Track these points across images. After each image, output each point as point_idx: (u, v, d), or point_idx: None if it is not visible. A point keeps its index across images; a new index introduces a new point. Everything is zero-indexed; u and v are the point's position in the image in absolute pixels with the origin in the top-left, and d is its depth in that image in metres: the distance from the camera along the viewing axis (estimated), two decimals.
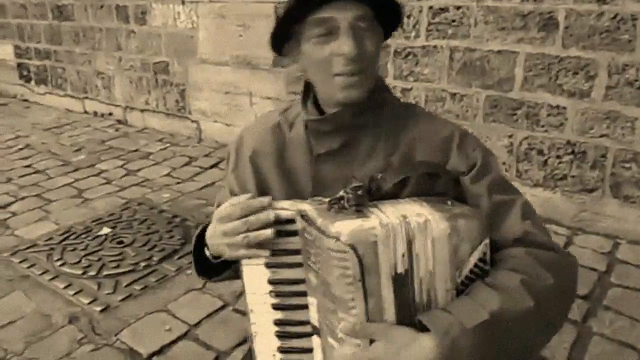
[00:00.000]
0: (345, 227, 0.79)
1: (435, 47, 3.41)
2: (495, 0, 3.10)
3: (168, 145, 4.87)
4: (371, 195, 0.91)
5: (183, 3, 4.71)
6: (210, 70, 4.69)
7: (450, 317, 0.79)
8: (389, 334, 0.81)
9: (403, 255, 0.80)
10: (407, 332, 0.81)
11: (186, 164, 4.36)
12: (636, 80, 2.81)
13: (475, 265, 0.86)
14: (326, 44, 0.98)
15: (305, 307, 0.91)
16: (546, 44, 3.00)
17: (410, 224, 0.80)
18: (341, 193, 0.88)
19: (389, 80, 3.66)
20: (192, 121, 5.02)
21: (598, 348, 2.15)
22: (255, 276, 0.93)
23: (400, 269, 0.80)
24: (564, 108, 3.04)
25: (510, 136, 3.23)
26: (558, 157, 3.10)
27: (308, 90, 1.12)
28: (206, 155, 4.54)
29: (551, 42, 2.98)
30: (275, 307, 0.92)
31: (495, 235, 0.93)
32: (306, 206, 0.90)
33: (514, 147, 3.23)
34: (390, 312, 0.81)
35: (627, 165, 2.91)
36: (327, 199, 0.90)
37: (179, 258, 2.86)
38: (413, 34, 3.48)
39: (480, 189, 1.00)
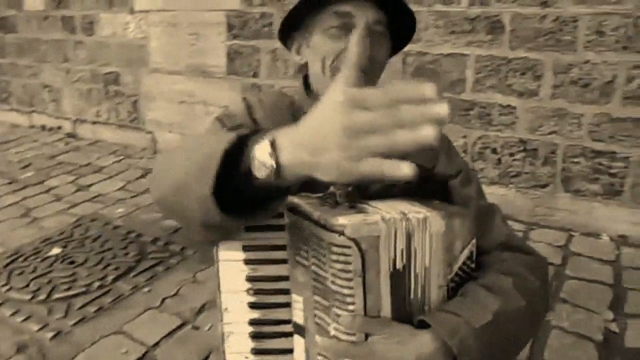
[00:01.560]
0: (349, 221, 0.77)
1: None
2: (445, 5, 3.21)
3: (122, 157, 4.77)
4: (360, 194, 0.90)
5: (132, 13, 4.67)
6: (164, 80, 4.66)
7: (457, 317, 0.81)
8: (387, 329, 0.81)
9: (402, 251, 0.81)
10: (405, 329, 0.82)
11: (141, 177, 4.27)
12: (580, 79, 2.96)
13: (464, 263, 0.89)
14: (339, 39, 0.99)
15: (285, 305, 0.89)
16: (494, 46, 3.12)
17: (411, 220, 0.81)
18: (332, 189, 0.87)
19: None
20: (147, 132, 4.96)
21: (557, 341, 2.23)
22: (232, 273, 0.89)
23: (398, 265, 0.81)
24: (514, 107, 3.17)
25: (464, 136, 3.34)
26: (511, 155, 3.22)
27: (308, 83, 1.11)
28: None
29: (499, 44, 3.11)
30: (252, 305, 0.89)
31: (481, 238, 0.96)
32: (296, 200, 0.86)
33: (468, 147, 3.34)
34: (386, 308, 0.82)
35: (576, 160, 3.06)
36: (314, 195, 0.88)
37: (135, 276, 2.76)
38: None
39: (470, 192, 1.06)
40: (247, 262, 0.88)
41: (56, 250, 3.07)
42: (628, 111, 2.88)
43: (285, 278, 0.88)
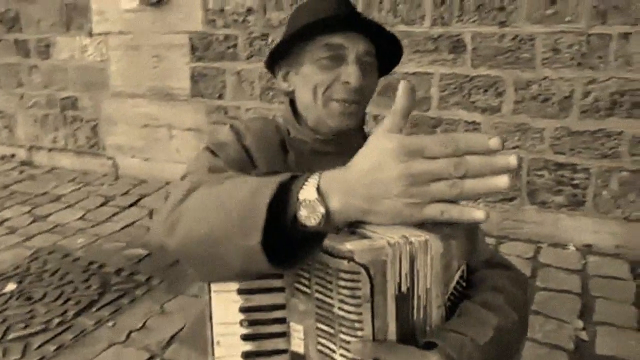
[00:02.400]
0: (357, 247, 0.77)
1: None
2: (408, 25, 3.33)
3: (81, 185, 4.67)
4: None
5: (91, 35, 4.63)
6: (125, 104, 4.63)
7: (462, 336, 0.85)
8: (396, 353, 0.83)
9: (406, 275, 0.82)
10: (413, 351, 0.83)
11: (102, 205, 4.18)
12: (540, 95, 3.11)
13: (457, 282, 0.91)
14: (331, 70, 1.03)
15: (281, 335, 0.89)
16: (457, 65, 3.25)
17: (414, 243, 0.81)
18: None
19: None
20: (107, 158, 4.89)
21: (531, 352, 2.29)
22: (225, 304, 0.87)
23: (403, 288, 0.82)
24: (479, 123, 3.30)
25: None
26: None
27: (295, 110, 1.14)
28: (124, 194, 4.40)
29: (461, 62, 3.25)
30: (246, 337, 0.89)
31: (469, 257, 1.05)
32: None
33: None
34: (392, 331, 0.83)
35: (540, 173, 3.20)
36: None
37: (98, 309, 2.66)
38: None
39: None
40: (241, 292, 0.87)
41: (11, 286, 2.94)
42: (586, 124, 3.04)
43: (281, 307, 0.88)
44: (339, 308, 0.80)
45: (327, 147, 1.10)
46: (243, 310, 0.88)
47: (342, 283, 0.79)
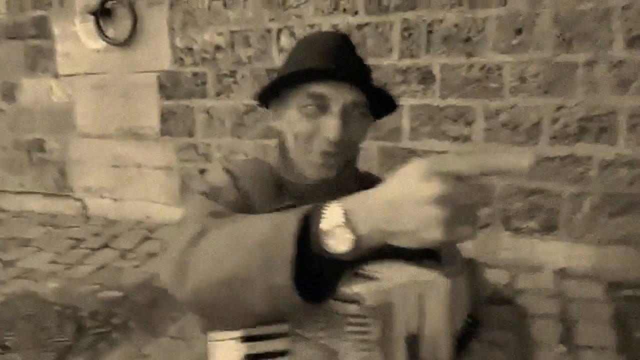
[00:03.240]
0: (365, 290, 0.73)
1: None
2: (376, 57, 3.20)
3: (50, 228, 4.35)
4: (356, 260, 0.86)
5: (57, 77, 4.38)
6: (93, 144, 4.34)
7: None
8: None
9: (415, 315, 0.77)
10: None
11: (73, 247, 3.88)
12: (509, 123, 3.01)
13: (464, 320, 0.87)
14: (313, 119, 0.94)
15: None
16: (427, 96, 3.13)
17: (421, 283, 0.78)
18: None
19: None
20: (76, 199, 4.57)
21: None
22: (227, 353, 0.79)
23: (412, 329, 0.77)
24: (450, 153, 3.17)
25: None
26: None
27: (285, 151, 1.03)
28: (95, 235, 4.08)
29: (431, 93, 3.13)
30: None
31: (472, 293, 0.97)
32: None
33: None
34: None
35: (513, 199, 3.07)
36: None
37: (75, 355, 2.46)
38: None
39: (454, 249, 1.03)
40: (244, 339, 0.78)
41: None
42: (555, 150, 2.94)
43: (285, 353, 0.80)
44: (348, 354, 0.75)
45: (321, 191, 0.98)
46: (247, 357, 0.79)
47: (351, 328, 0.74)
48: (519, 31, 2.91)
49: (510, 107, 2.99)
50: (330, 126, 0.93)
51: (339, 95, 0.93)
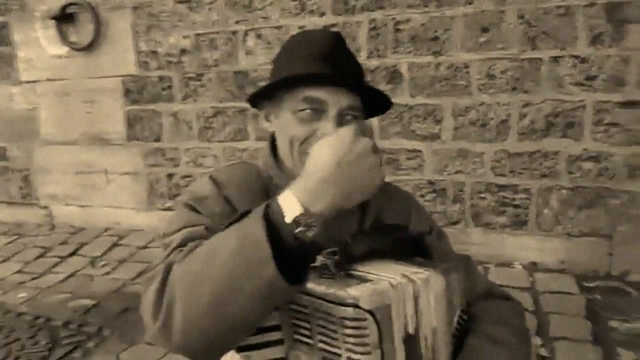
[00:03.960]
0: (360, 292, 0.70)
1: None
2: None
3: (15, 237, 4.04)
4: (346, 259, 0.84)
5: (19, 84, 4.09)
6: (58, 151, 4.04)
7: None
8: None
9: (412, 315, 0.75)
10: None
11: (40, 256, 3.61)
12: (478, 120, 2.91)
13: (460, 316, 0.85)
14: (308, 123, 0.90)
15: None
16: (396, 95, 3.00)
17: (416, 282, 0.76)
18: (321, 259, 0.80)
19: (252, 143, 3.46)
20: (41, 207, 4.27)
21: None
22: None
23: (410, 329, 0.75)
24: (420, 151, 3.04)
25: None
26: (422, 196, 3.08)
27: (276, 151, 1.00)
28: (62, 243, 3.80)
29: (400, 92, 3.00)
30: None
31: (467, 290, 0.91)
32: None
33: None
34: None
35: (483, 195, 2.97)
36: None
37: None
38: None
39: (446, 246, 1.05)
40: (240, 349, 0.77)
41: None
42: (523, 146, 2.85)
43: None
44: (347, 357, 0.72)
45: None
46: None
47: (349, 331, 0.71)
48: (485, 29, 2.80)
49: (478, 104, 2.88)
50: (327, 131, 0.87)
51: (335, 100, 0.88)
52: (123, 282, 3.13)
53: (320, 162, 0.70)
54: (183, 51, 3.49)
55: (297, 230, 0.68)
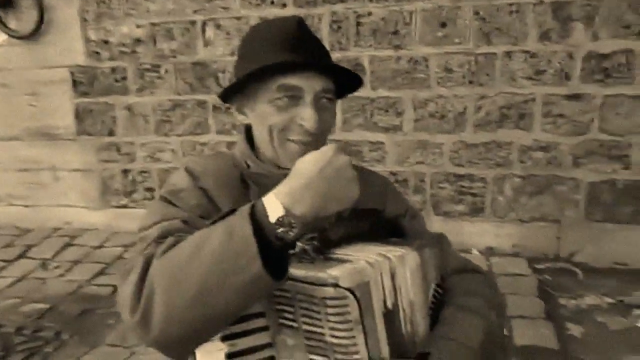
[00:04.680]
0: (339, 272, 0.74)
1: None
2: None
3: None
4: (324, 245, 0.89)
5: None
6: None
7: (453, 342, 0.85)
8: None
9: (390, 291, 0.79)
10: None
11: None
12: (437, 112, 3.06)
13: (435, 290, 0.90)
14: (287, 110, 0.93)
15: None
16: None
17: (391, 259, 0.80)
18: (299, 245, 0.84)
19: (212, 136, 3.44)
20: None
21: None
22: (210, 354, 0.80)
23: (389, 304, 0.79)
24: (382, 143, 3.16)
25: None
26: None
27: (252, 142, 1.03)
28: (7, 246, 3.62)
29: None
30: None
31: (442, 265, 0.97)
32: None
33: None
34: (385, 348, 0.80)
35: (443, 185, 3.14)
36: None
37: None
38: None
39: (420, 227, 1.10)
40: (225, 338, 0.80)
41: None
42: (479, 137, 3.03)
43: (268, 345, 0.83)
44: (331, 335, 0.76)
45: None
46: (230, 356, 0.81)
47: (331, 310, 0.75)
48: (443, 24, 2.95)
49: (437, 97, 3.03)
50: (307, 116, 0.92)
51: (310, 85, 0.91)
52: (79, 283, 3.06)
53: (303, 171, 0.76)
54: (137, 41, 3.41)
55: (279, 230, 0.73)
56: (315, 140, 0.95)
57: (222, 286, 0.71)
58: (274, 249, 0.73)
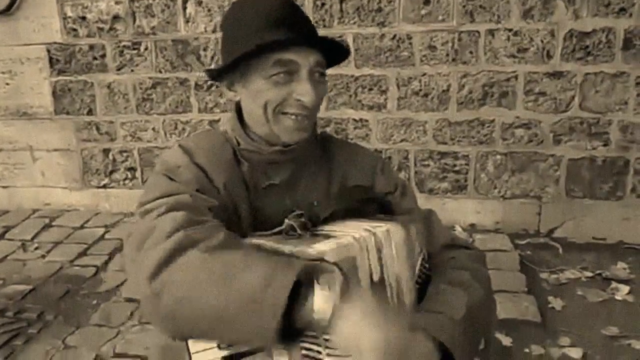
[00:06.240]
0: (326, 248, 0.78)
1: None
2: None
3: None
4: (312, 222, 0.94)
5: None
6: None
7: (440, 315, 0.88)
8: None
9: (376, 265, 0.83)
10: None
11: None
12: (420, 90, 3.16)
13: (421, 264, 0.94)
14: (283, 85, 0.95)
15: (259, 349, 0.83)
16: (342, 65, 3.15)
17: (377, 234, 0.83)
18: (287, 222, 0.89)
19: (194, 115, 3.49)
20: None
21: None
22: (208, 356, 0.82)
23: (375, 278, 0.83)
24: (367, 121, 3.26)
25: None
26: None
27: (242, 120, 1.06)
28: None
29: (346, 63, 3.18)
30: None
31: (428, 241, 1.04)
32: (256, 241, 0.86)
33: None
34: None
35: (426, 162, 3.26)
36: (269, 232, 0.92)
37: None
38: (212, 66, 3.38)
39: (409, 204, 1.13)
40: (222, 347, 0.82)
41: None
42: (462, 115, 3.15)
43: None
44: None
45: (281, 156, 1.04)
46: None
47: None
48: (426, 1, 3.04)
49: (421, 75, 3.14)
50: (304, 91, 0.95)
51: (305, 59, 0.95)
52: (61, 264, 3.11)
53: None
54: (116, 18, 3.44)
55: (313, 315, 0.74)
56: (310, 113, 0.99)
57: (230, 324, 0.74)
58: (294, 320, 0.74)
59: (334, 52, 1.03)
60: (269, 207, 1.02)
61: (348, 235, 0.83)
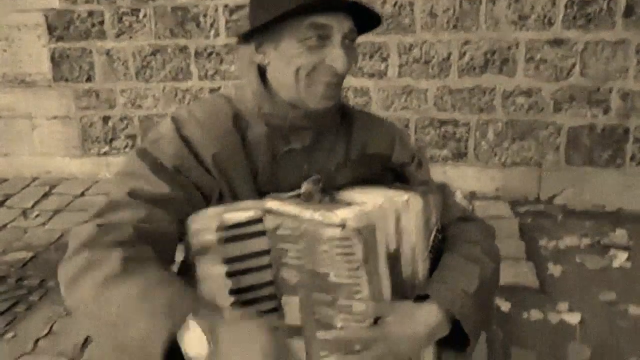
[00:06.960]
0: (347, 214, 0.79)
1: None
2: None
3: None
4: (330, 188, 0.95)
5: None
6: None
7: (452, 286, 0.91)
8: (394, 309, 0.87)
9: (394, 234, 0.84)
10: (410, 305, 0.89)
11: None
12: (421, 57, 3.21)
13: (435, 236, 0.96)
14: (316, 51, 0.93)
15: (273, 310, 0.87)
16: None
17: (397, 203, 0.84)
18: (305, 186, 0.90)
19: (195, 82, 3.53)
20: None
21: None
22: (215, 288, 0.85)
23: (392, 248, 0.84)
24: (368, 88, 3.31)
25: None
26: None
27: (265, 83, 1.03)
28: None
29: None
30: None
31: (444, 214, 1.05)
32: (273, 203, 0.87)
33: None
34: (387, 290, 0.85)
35: (427, 130, 3.32)
36: (287, 195, 0.92)
37: None
38: (212, 32, 3.40)
39: (425, 175, 1.14)
40: (229, 274, 0.85)
41: None
42: (463, 82, 3.21)
43: (270, 283, 0.87)
44: (335, 275, 0.81)
45: (305, 122, 1.02)
46: (233, 292, 0.85)
47: (337, 250, 0.79)
48: None
49: (422, 42, 3.17)
50: (337, 57, 0.93)
51: (339, 25, 0.93)
52: (61, 231, 3.15)
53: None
54: None
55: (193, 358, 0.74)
56: (340, 81, 0.98)
57: (125, 344, 0.79)
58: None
59: (365, 19, 1.01)
60: (287, 172, 1.02)
61: (369, 202, 0.83)
